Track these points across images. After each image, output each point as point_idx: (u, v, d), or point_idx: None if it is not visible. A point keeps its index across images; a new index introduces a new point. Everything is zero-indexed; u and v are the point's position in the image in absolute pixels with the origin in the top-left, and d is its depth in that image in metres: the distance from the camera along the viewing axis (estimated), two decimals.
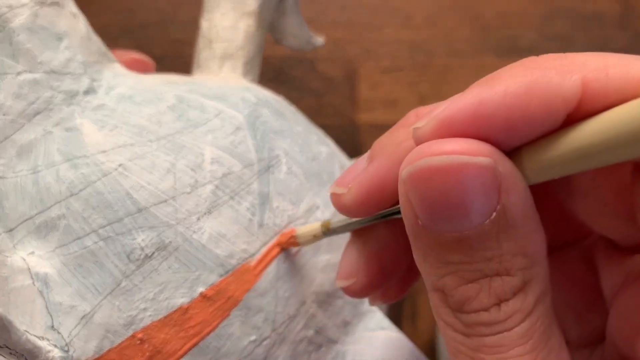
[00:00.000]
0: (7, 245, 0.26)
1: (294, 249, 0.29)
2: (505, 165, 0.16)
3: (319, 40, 0.45)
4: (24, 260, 0.26)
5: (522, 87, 0.16)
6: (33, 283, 0.26)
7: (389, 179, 0.20)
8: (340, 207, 0.22)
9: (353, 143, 0.54)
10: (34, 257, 0.26)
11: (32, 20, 0.28)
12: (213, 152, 0.28)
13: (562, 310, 0.23)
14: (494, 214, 0.16)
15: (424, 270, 0.18)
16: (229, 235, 0.27)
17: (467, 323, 0.18)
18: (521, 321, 0.17)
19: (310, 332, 0.29)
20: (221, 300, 0.27)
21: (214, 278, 0.27)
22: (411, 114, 0.21)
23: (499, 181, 0.16)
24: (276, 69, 0.57)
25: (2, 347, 0.23)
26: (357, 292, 0.23)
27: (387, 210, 0.21)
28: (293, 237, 0.28)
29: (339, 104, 0.57)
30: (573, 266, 0.23)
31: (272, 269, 0.28)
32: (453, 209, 0.16)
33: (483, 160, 0.16)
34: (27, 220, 0.27)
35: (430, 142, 0.16)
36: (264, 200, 0.29)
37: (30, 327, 0.25)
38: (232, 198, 0.28)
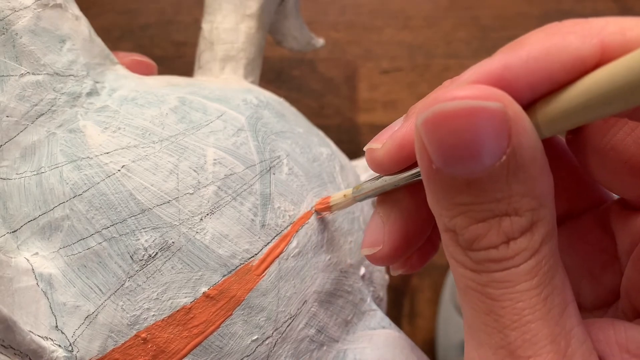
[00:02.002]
0: (11, 246, 0.27)
1: (328, 217, 0.30)
2: (515, 109, 0.17)
3: (319, 41, 0.45)
4: (28, 261, 0.26)
5: (543, 51, 0.17)
6: (37, 284, 0.26)
7: None
8: (374, 162, 0.23)
9: (353, 143, 0.54)
10: (38, 258, 0.26)
11: (34, 23, 0.29)
12: (215, 154, 0.29)
13: (577, 272, 0.24)
14: (504, 156, 0.17)
15: (437, 212, 0.19)
16: (231, 235, 0.27)
17: (476, 260, 0.18)
18: (528, 258, 0.18)
19: (312, 331, 0.29)
20: (224, 300, 0.27)
21: (216, 278, 0.27)
22: (447, 81, 0.22)
23: (509, 125, 0.17)
24: (276, 70, 0.58)
25: (6, 348, 0.23)
26: (381, 260, 0.24)
27: (414, 170, 0.22)
28: (328, 199, 0.29)
29: (339, 104, 0.57)
30: (589, 231, 0.24)
31: (273, 268, 0.28)
32: (465, 151, 0.17)
33: (493, 104, 0.17)
34: (31, 221, 0.27)
35: (445, 89, 0.17)
36: (266, 200, 0.29)
37: (35, 327, 0.25)
38: (234, 199, 0.28)
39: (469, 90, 0.17)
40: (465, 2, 0.61)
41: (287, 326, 0.28)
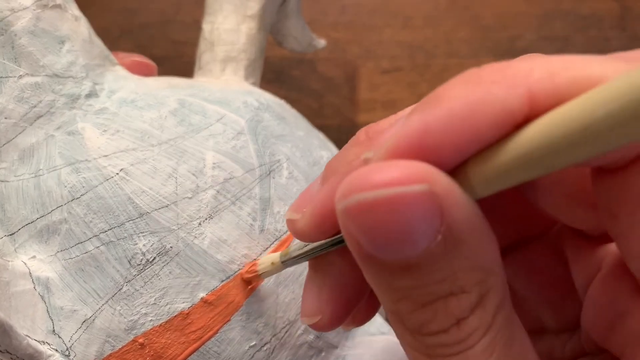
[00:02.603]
0: (8, 249, 0.27)
1: (260, 283, 0.28)
2: (443, 185, 0.15)
3: (321, 42, 0.45)
4: (25, 264, 0.26)
5: (466, 108, 0.15)
6: (34, 287, 0.26)
7: None
8: (296, 233, 0.21)
9: None
10: (35, 261, 0.26)
11: (34, 24, 0.28)
12: (215, 157, 0.28)
13: (537, 300, 0.23)
14: (439, 236, 0.16)
15: (378, 295, 0.18)
16: (230, 240, 0.27)
17: (427, 345, 0.17)
18: (482, 336, 0.17)
19: (311, 337, 0.29)
20: (222, 306, 0.27)
21: (215, 283, 0.27)
22: (361, 132, 0.21)
23: (439, 204, 0.15)
24: (276, 70, 0.57)
25: (3, 352, 0.23)
26: (325, 327, 0.22)
27: (338, 237, 0.21)
28: (255, 265, 0.27)
29: (339, 104, 0.57)
30: (542, 258, 0.23)
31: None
32: (395, 238, 0.16)
33: (417, 188, 0.15)
34: (28, 224, 0.27)
35: (362, 171, 0.16)
36: (265, 205, 0.29)
37: (31, 331, 0.25)
38: (233, 203, 0.28)
39: (387, 172, 0.15)
40: (466, 1, 0.61)
41: (286, 332, 0.28)
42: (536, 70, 0.16)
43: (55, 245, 0.26)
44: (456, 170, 0.16)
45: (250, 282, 0.27)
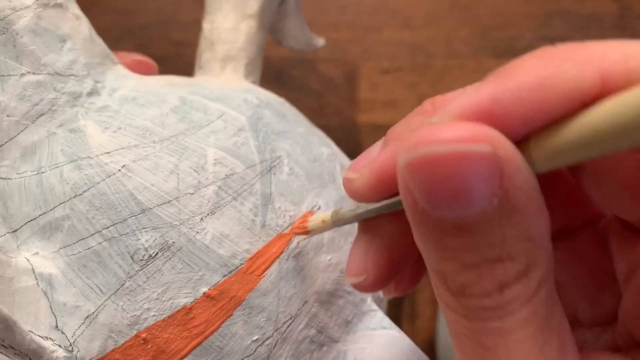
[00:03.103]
0: (11, 246, 0.27)
1: (303, 240, 0.29)
2: (506, 150, 0.16)
3: (320, 41, 0.45)
4: (28, 260, 0.26)
5: (537, 82, 0.16)
6: (37, 283, 0.26)
7: None
8: (352, 192, 0.21)
9: (353, 143, 0.54)
10: (38, 258, 0.26)
11: (35, 22, 0.29)
12: (216, 154, 0.29)
13: (574, 291, 0.23)
14: (496, 199, 0.16)
15: (424, 254, 0.18)
16: (231, 235, 0.27)
17: (468, 307, 0.17)
18: (523, 305, 0.17)
19: (312, 332, 0.29)
20: (224, 300, 0.27)
21: (217, 278, 0.27)
22: (427, 102, 0.21)
23: (501, 167, 0.16)
24: (276, 70, 0.58)
25: (6, 347, 0.23)
26: (368, 288, 0.23)
27: (396, 199, 0.21)
28: (305, 222, 0.28)
29: (339, 104, 0.57)
30: (586, 249, 0.23)
31: (274, 269, 0.28)
32: (453, 196, 0.16)
33: (482, 147, 0.15)
34: (31, 221, 0.27)
35: (429, 128, 0.16)
36: (267, 201, 0.29)
37: (35, 327, 0.25)
38: (234, 199, 0.28)
39: (455, 131, 0.15)
40: (466, 1, 0.61)
41: (288, 326, 0.28)
42: (610, 52, 0.16)
43: (57, 242, 0.26)
44: (520, 143, 0.17)
45: (297, 234, 0.29)
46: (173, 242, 0.26)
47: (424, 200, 0.16)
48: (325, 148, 0.34)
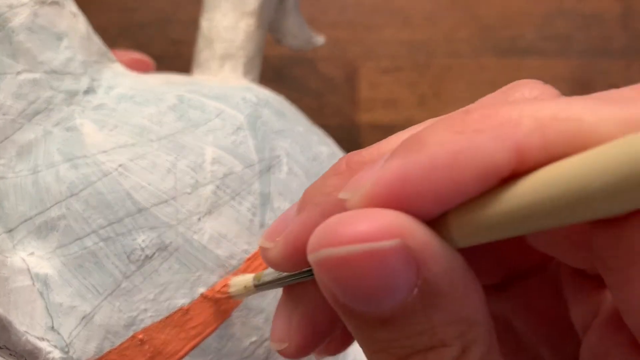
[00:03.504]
0: (7, 246, 0.26)
1: (232, 306, 0.27)
2: (418, 239, 0.15)
3: (319, 39, 0.44)
4: (24, 260, 0.26)
5: (449, 158, 0.15)
6: (33, 284, 0.26)
7: None
8: (269, 262, 0.20)
9: (353, 143, 0.54)
10: (34, 258, 0.26)
11: (32, 20, 0.28)
12: (214, 152, 0.28)
13: (534, 337, 0.22)
14: (416, 289, 0.15)
15: (358, 343, 0.17)
16: (229, 235, 0.27)
17: None
18: None
19: None
20: (222, 301, 0.27)
21: (214, 279, 0.27)
22: (342, 162, 0.20)
23: (414, 258, 0.15)
24: (276, 69, 0.57)
25: (2, 348, 0.23)
26: (291, 355, 0.21)
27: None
28: (226, 286, 0.26)
29: (339, 104, 0.57)
30: (540, 296, 0.22)
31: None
32: (369, 292, 0.15)
33: (390, 243, 0.15)
34: (27, 220, 0.27)
35: (330, 223, 0.15)
36: (265, 200, 0.29)
37: (31, 327, 0.25)
38: (233, 198, 0.28)
39: (359, 225, 0.15)
40: (466, 1, 0.61)
41: None
42: (525, 121, 0.15)
43: (53, 242, 0.26)
44: (436, 220, 0.16)
45: (220, 304, 0.27)
46: (170, 242, 0.26)
47: (341, 297, 0.16)
48: (325, 147, 0.34)
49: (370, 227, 0.15)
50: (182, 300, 0.26)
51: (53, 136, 0.28)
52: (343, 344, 0.24)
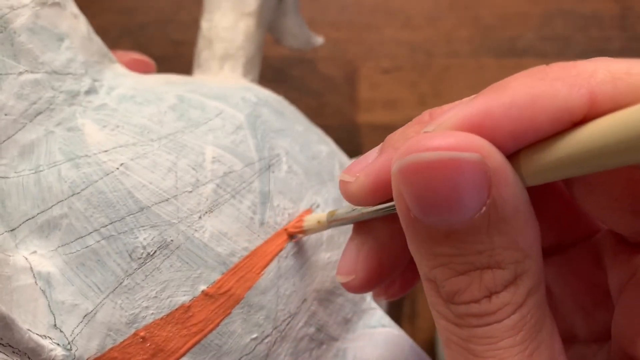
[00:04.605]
0: (9, 245, 0.27)
1: (301, 238, 0.29)
2: (496, 161, 0.16)
3: (319, 39, 0.45)
4: (26, 259, 0.26)
5: (528, 99, 0.16)
6: (35, 282, 0.26)
7: None
8: (347, 195, 0.22)
9: (353, 143, 0.54)
10: (36, 256, 0.26)
11: (33, 21, 0.29)
12: (214, 151, 0.28)
13: (571, 306, 0.23)
14: (484, 208, 0.16)
15: (417, 261, 0.19)
16: (230, 233, 0.27)
17: (458, 314, 0.18)
18: (512, 313, 0.17)
19: (312, 330, 0.29)
20: (223, 298, 0.27)
21: (215, 276, 0.27)
22: (425, 113, 0.21)
23: (489, 176, 0.16)
24: (276, 69, 0.58)
25: (5, 346, 0.23)
26: (356, 288, 0.23)
27: (390, 204, 0.21)
28: (301, 223, 0.28)
29: (339, 104, 0.57)
30: (581, 264, 0.23)
31: (273, 267, 0.28)
32: (442, 203, 0.16)
33: (471, 156, 0.16)
34: (29, 219, 0.27)
35: (422, 136, 0.17)
36: (265, 198, 0.29)
37: (33, 325, 0.25)
38: (233, 197, 0.28)
39: (447, 139, 0.16)
40: (466, 1, 0.61)
41: (287, 325, 0.28)
42: (599, 73, 0.16)
43: (56, 240, 0.26)
44: (510, 156, 0.17)
45: (292, 236, 0.29)
46: (171, 240, 0.26)
47: (414, 207, 0.17)
48: (324, 146, 0.34)
49: (455, 141, 0.16)
50: (183, 298, 0.26)
51: (55, 136, 0.28)
52: (401, 290, 0.26)
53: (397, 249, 0.23)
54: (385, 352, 0.30)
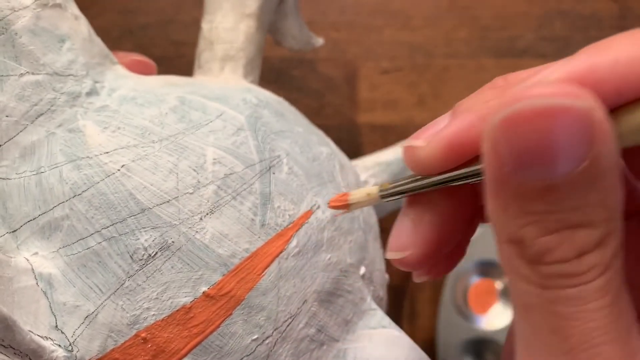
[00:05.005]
0: (11, 246, 0.27)
1: (340, 214, 0.28)
2: (602, 113, 0.16)
3: (319, 40, 0.45)
4: (28, 260, 0.26)
5: (633, 57, 0.16)
6: (37, 283, 0.26)
7: (474, 136, 0.19)
8: (415, 161, 0.21)
9: (353, 143, 0.54)
10: (38, 258, 0.26)
11: (34, 23, 0.29)
12: (215, 153, 0.29)
13: (630, 282, 0.23)
14: (587, 161, 0.16)
15: (502, 221, 0.18)
16: (231, 235, 0.27)
17: (545, 274, 0.17)
18: (600, 274, 0.17)
19: (312, 331, 0.29)
20: (224, 300, 0.27)
21: (216, 277, 0.27)
22: (499, 79, 0.21)
23: (594, 129, 0.16)
24: (276, 70, 0.58)
25: (6, 347, 0.23)
26: (410, 264, 0.22)
27: (455, 173, 0.20)
28: (347, 196, 0.26)
29: (339, 104, 0.57)
30: (636, 237, 0.23)
31: (274, 268, 0.28)
32: (543, 155, 0.16)
33: (581, 103, 0.15)
34: (30, 220, 0.27)
35: (527, 85, 0.16)
36: (266, 200, 0.29)
37: (34, 327, 0.25)
38: (234, 198, 0.28)
39: (556, 87, 0.16)
40: (466, 1, 0.61)
41: (287, 325, 0.28)
42: None
43: (57, 242, 0.26)
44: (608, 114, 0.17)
45: (335, 208, 0.26)
46: (172, 242, 0.26)
47: (512, 160, 0.16)
48: (324, 147, 0.34)
49: (564, 89, 0.15)
50: (184, 299, 0.26)
51: (56, 137, 0.28)
52: (447, 267, 0.24)
53: (456, 224, 0.22)
54: (385, 352, 0.30)
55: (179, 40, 0.58)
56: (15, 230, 0.27)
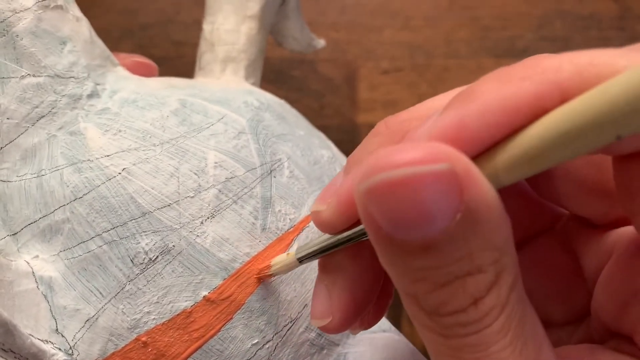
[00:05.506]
0: (11, 249, 0.27)
1: (271, 279, 0.28)
2: (464, 164, 0.16)
3: (320, 42, 0.45)
4: (28, 264, 0.26)
5: (498, 102, 0.16)
6: (37, 287, 0.26)
7: None
8: (321, 224, 0.21)
9: (353, 143, 0.54)
10: (38, 261, 0.26)
11: (35, 24, 0.28)
12: (216, 156, 0.28)
13: (543, 294, 0.24)
14: (459, 215, 0.16)
15: (394, 278, 0.18)
16: (232, 239, 0.27)
17: (445, 325, 0.17)
18: (499, 315, 0.17)
19: (312, 335, 0.29)
20: (224, 304, 0.27)
21: (217, 282, 0.27)
22: (381, 124, 0.21)
23: (460, 182, 0.16)
24: (276, 70, 0.58)
25: (6, 351, 0.23)
26: (335, 329, 0.22)
27: (354, 231, 0.21)
28: (268, 267, 0.27)
29: (339, 104, 0.57)
30: (549, 252, 0.23)
31: None
32: (415, 218, 0.16)
33: (439, 167, 0.15)
34: (31, 224, 0.27)
35: (384, 152, 0.16)
36: (267, 204, 0.29)
37: (35, 330, 0.25)
38: (235, 202, 0.28)
39: (411, 152, 0.16)
40: (466, 2, 0.61)
41: (288, 330, 0.28)
42: (565, 67, 0.16)
43: (58, 245, 0.26)
44: (480, 160, 0.17)
45: (260, 280, 0.28)
46: (173, 246, 0.26)
47: (386, 225, 0.16)
48: (326, 150, 0.34)
49: (421, 153, 0.16)
50: (185, 303, 0.26)
51: (57, 140, 0.28)
52: (376, 317, 0.25)
53: (369, 281, 0.22)
54: (385, 356, 0.30)
55: (180, 41, 0.58)
56: (15, 233, 0.27)
